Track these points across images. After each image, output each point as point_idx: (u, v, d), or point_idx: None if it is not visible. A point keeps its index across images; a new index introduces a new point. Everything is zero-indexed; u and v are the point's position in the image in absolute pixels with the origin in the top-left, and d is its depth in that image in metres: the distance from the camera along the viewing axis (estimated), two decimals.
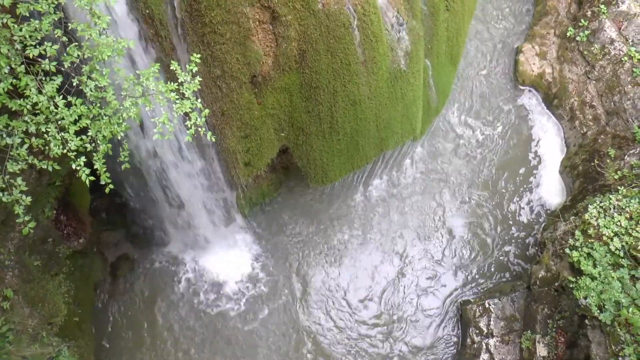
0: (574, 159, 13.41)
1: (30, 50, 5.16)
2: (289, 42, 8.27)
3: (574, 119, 13.83)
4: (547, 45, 14.61)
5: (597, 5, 13.37)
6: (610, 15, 13.15)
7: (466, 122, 14.23)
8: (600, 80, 13.37)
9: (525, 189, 13.78)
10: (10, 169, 5.50)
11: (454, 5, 10.86)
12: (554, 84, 14.28)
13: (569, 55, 14.04)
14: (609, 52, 13.13)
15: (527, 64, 14.58)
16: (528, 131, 14.34)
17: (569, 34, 13.95)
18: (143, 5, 7.44)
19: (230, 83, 8.31)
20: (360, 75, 9.00)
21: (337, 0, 8.17)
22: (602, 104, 13.39)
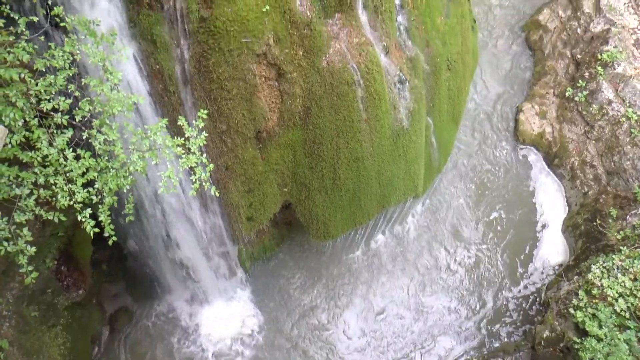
0: (576, 218, 13.43)
1: (45, 104, 5.32)
2: (293, 98, 8.47)
3: (575, 178, 13.94)
4: (547, 105, 14.89)
5: (595, 67, 13.72)
6: (607, 76, 13.48)
7: (467, 180, 14.35)
8: (600, 140, 13.56)
9: (527, 247, 13.74)
10: (18, 219, 5.57)
11: (455, 65, 11.15)
12: (554, 143, 14.47)
13: (568, 115, 14.29)
14: (607, 112, 13.37)
15: (528, 123, 14.83)
16: (529, 190, 14.43)
17: (568, 94, 14.25)
18: (153, 60, 7.69)
19: (236, 138, 8.48)
20: (363, 133, 9.17)
21: (341, 59, 8.42)
22: (602, 164, 13.52)
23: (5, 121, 5.07)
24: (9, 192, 5.46)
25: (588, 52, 14.21)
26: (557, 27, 15.43)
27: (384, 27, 9.03)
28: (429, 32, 10.16)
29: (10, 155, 5.39)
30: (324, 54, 8.18)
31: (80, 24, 5.62)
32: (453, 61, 10.90)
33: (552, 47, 15.38)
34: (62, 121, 5.48)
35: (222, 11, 7.24)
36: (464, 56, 11.46)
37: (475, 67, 12.92)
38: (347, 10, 8.26)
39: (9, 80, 5.15)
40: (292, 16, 7.74)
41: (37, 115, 5.45)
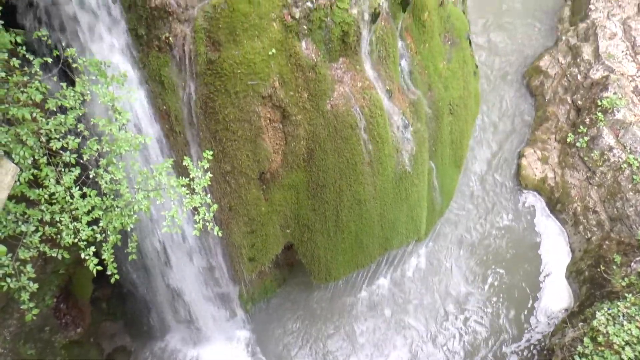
0: (580, 264, 13.35)
1: (54, 142, 5.43)
2: (297, 141, 8.59)
3: (578, 224, 13.91)
4: (549, 150, 15.01)
5: (595, 113, 13.87)
6: (607, 123, 13.61)
7: (468, 224, 14.34)
8: (602, 186, 13.59)
9: (530, 292, 13.61)
10: (22, 255, 5.60)
11: (457, 109, 11.31)
12: (557, 188, 14.51)
13: (570, 160, 14.38)
14: (609, 158, 13.45)
15: (530, 168, 14.91)
16: (532, 235, 14.39)
17: (569, 139, 14.37)
18: (161, 101, 7.86)
19: (239, 179, 8.56)
20: (366, 175, 9.25)
21: (345, 102, 8.57)
22: (605, 210, 13.52)
23: (15, 159, 5.16)
24: (15, 228, 5.51)
25: (588, 98, 14.40)
26: (558, 73, 15.68)
27: (388, 72, 9.23)
28: (432, 77, 10.37)
29: (18, 192, 5.47)
30: (329, 97, 8.35)
31: (91, 65, 5.78)
32: (455, 105, 11.07)
33: (553, 92, 15.60)
34: (71, 160, 5.57)
35: (230, 54, 7.44)
36: (466, 100, 11.65)
37: (478, 111, 13.09)
38: (351, 55, 8.47)
39: (20, 118, 5.28)
40: (297, 59, 7.93)
41: (46, 153, 5.55)
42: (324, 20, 7.82)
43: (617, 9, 15.24)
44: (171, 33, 7.36)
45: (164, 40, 7.40)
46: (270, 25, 7.52)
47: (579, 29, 15.60)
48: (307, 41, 7.89)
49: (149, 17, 7.26)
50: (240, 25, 7.29)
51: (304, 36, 7.83)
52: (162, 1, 7.15)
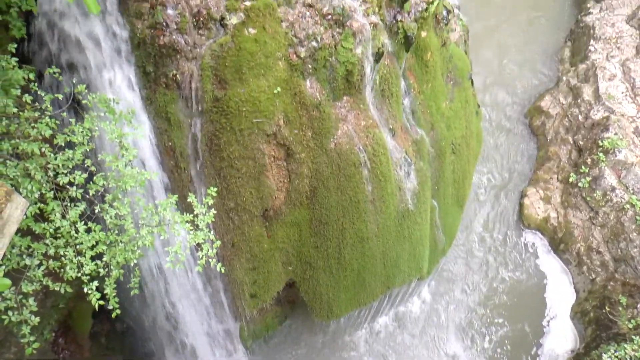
0: (585, 305, 13.22)
1: (62, 177, 5.51)
2: (301, 178, 8.66)
3: (582, 264, 13.83)
4: (551, 190, 15.04)
5: (596, 153, 13.95)
6: (609, 163, 13.67)
7: (471, 263, 14.28)
8: (605, 226, 13.57)
9: (535, 334, 13.45)
10: (25, 289, 5.61)
11: (459, 149, 11.41)
12: (559, 228, 14.49)
13: (572, 200, 14.39)
14: (611, 199, 13.46)
15: (532, 207, 14.92)
16: (535, 275, 14.30)
17: (571, 179, 14.42)
18: (166, 138, 7.97)
19: (243, 216, 8.60)
20: (368, 213, 9.28)
21: (348, 140, 8.67)
22: (608, 250, 13.46)
23: (22, 192, 5.23)
24: (19, 262, 5.54)
25: (589, 138, 14.51)
26: (559, 114, 15.84)
27: (391, 110, 9.36)
28: (434, 116, 10.50)
29: (24, 226, 5.51)
30: (332, 135, 8.45)
31: (100, 102, 5.90)
32: (457, 145, 11.17)
33: (554, 132, 15.73)
34: (77, 195, 5.64)
35: (236, 92, 7.58)
36: (468, 140, 11.76)
37: (480, 150, 13.19)
38: (355, 94, 8.61)
39: (30, 153, 5.37)
40: (302, 98, 8.07)
41: (53, 188, 5.62)
42: (329, 60, 7.99)
43: (616, 51, 15.50)
44: (179, 70, 7.52)
45: (172, 77, 7.55)
46: (276, 64, 7.69)
47: (579, 70, 15.84)
48: (311, 80, 8.05)
49: (158, 54, 7.43)
50: (247, 64, 7.45)
51: (308, 75, 7.99)
52: (171, 39, 7.33)
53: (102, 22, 7.18)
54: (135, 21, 7.36)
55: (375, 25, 8.16)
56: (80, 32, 7.14)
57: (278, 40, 7.56)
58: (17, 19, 6.43)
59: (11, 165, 5.36)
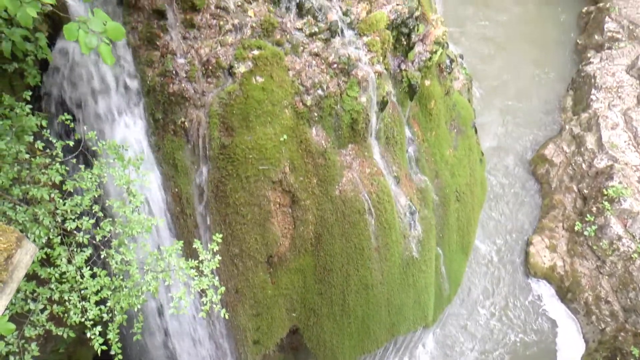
0: (595, 356, 12.98)
1: (69, 223, 5.57)
2: (306, 225, 8.69)
3: (590, 314, 13.64)
4: (557, 239, 14.98)
5: (601, 202, 13.96)
6: (614, 212, 13.66)
7: (477, 312, 14.11)
8: (613, 275, 13.44)
9: None
10: (27, 333, 5.60)
11: (463, 196, 11.46)
12: (566, 277, 14.36)
13: (578, 249, 14.31)
14: (618, 248, 13.39)
15: (538, 256, 14.83)
16: (542, 324, 14.09)
17: (577, 228, 14.38)
18: (173, 184, 8.07)
19: (247, 262, 8.60)
20: (373, 261, 9.26)
21: (353, 188, 8.74)
22: (617, 300, 13.30)
23: (30, 238, 5.29)
24: (23, 306, 5.55)
25: (594, 187, 14.55)
26: (563, 162, 15.93)
27: (395, 158, 9.47)
28: (438, 164, 10.60)
29: (30, 271, 5.54)
30: (337, 182, 8.53)
31: (109, 149, 6.02)
32: (462, 193, 11.22)
33: (558, 181, 15.79)
34: (83, 240, 5.69)
35: (242, 139, 7.71)
36: (473, 188, 11.81)
37: (484, 198, 13.23)
38: (360, 141, 8.73)
39: (39, 198, 5.46)
40: (308, 146, 8.19)
41: (60, 233, 5.67)
42: (334, 108, 8.14)
43: (617, 100, 15.72)
44: (187, 118, 7.68)
45: (180, 124, 7.71)
46: (283, 112, 7.84)
47: (581, 119, 16.02)
48: (317, 128, 8.18)
49: (167, 102, 7.61)
50: (254, 112, 7.60)
51: (314, 123, 8.13)
52: (180, 87, 7.52)
53: (114, 70, 7.39)
54: (146, 69, 7.57)
55: (380, 74, 8.35)
56: (93, 80, 7.34)
57: (285, 88, 7.73)
58: (32, 66, 6.63)
59: (21, 211, 5.44)
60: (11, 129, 5.71)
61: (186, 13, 7.47)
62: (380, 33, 8.35)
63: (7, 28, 5.86)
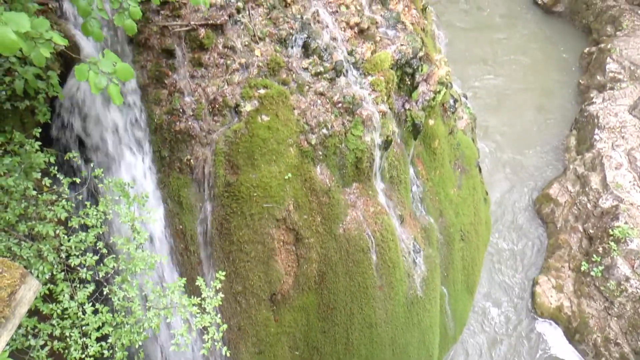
0: None
1: (73, 259, 5.59)
2: (309, 263, 8.68)
3: (600, 356, 13.39)
4: (563, 279, 14.82)
5: (608, 242, 13.86)
6: (621, 252, 13.54)
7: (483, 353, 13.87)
8: (622, 317, 13.24)
9: None
10: None
11: (468, 236, 11.43)
12: (574, 318, 14.15)
13: (585, 289, 14.15)
14: (626, 289, 13.23)
15: (545, 296, 14.65)
16: None
17: (583, 268, 14.24)
18: (178, 221, 8.11)
19: (250, 299, 8.55)
20: (377, 299, 9.20)
21: (357, 226, 8.74)
22: (627, 343, 13.07)
23: (34, 273, 5.31)
24: (24, 342, 5.52)
25: (600, 227, 14.47)
26: (568, 202, 15.90)
27: (400, 197, 9.50)
28: (443, 203, 10.62)
29: (32, 306, 5.54)
30: (341, 221, 8.55)
31: (116, 186, 6.09)
32: (466, 232, 11.21)
33: (563, 220, 15.72)
34: (87, 276, 5.70)
35: (247, 177, 7.77)
36: (477, 227, 11.80)
37: (489, 238, 13.19)
38: (364, 180, 8.78)
39: (44, 235, 5.50)
40: (312, 184, 8.24)
41: (64, 269, 5.69)
42: (339, 147, 8.23)
43: (620, 140, 15.78)
44: (193, 155, 7.78)
45: (186, 162, 7.80)
46: (288, 150, 7.93)
47: (585, 159, 16.06)
48: (322, 166, 8.25)
49: (173, 139, 7.73)
50: (259, 150, 7.69)
51: (319, 161, 8.20)
52: (187, 125, 7.64)
53: (122, 108, 7.54)
54: (154, 107, 7.71)
55: (384, 113, 8.46)
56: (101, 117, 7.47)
57: (290, 127, 7.84)
58: (43, 104, 6.76)
59: (25, 247, 5.48)
60: (20, 165, 5.80)
61: (194, 52, 7.65)
62: (384, 73, 8.50)
63: (20, 66, 6.02)
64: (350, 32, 8.51)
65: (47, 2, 6.89)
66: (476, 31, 19.72)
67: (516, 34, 19.85)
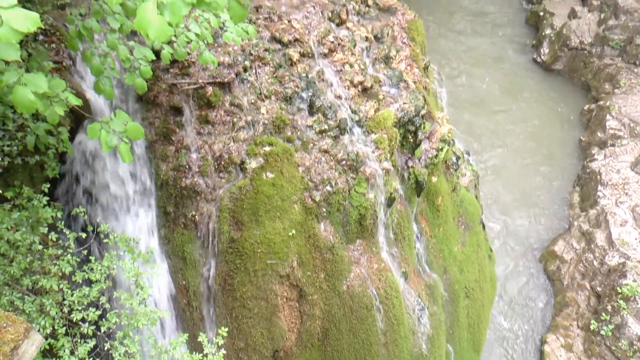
0: None
1: (75, 314, 5.57)
2: (313, 320, 8.58)
3: None
4: (572, 338, 14.53)
5: (616, 301, 13.65)
6: (631, 311, 13.33)
7: None
8: None
9: None
10: None
11: (473, 293, 11.31)
12: None
13: (596, 349, 13.84)
14: (639, 349, 12.94)
15: (554, 355, 14.32)
16: None
17: (593, 327, 13.98)
18: (181, 276, 8.10)
19: (252, 356, 8.41)
20: (381, 357, 9.03)
21: (361, 283, 8.69)
22: None
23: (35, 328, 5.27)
24: None
25: (607, 284, 14.30)
26: (573, 259, 15.77)
27: (403, 254, 9.47)
28: (447, 260, 10.57)
29: None
30: (345, 278, 8.50)
31: (121, 241, 6.13)
32: (471, 289, 11.09)
33: (570, 278, 15.56)
34: (88, 331, 5.66)
35: (252, 233, 7.80)
36: (482, 284, 11.69)
37: (494, 295, 13.04)
38: (368, 237, 8.78)
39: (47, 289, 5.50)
40: (316, 241, 8.25)
41: (65, 324, 5.66)
42: (343, 204, 8.28)
43: (624, 197, 15.80)
44: (197, 211, 7.84)
45: (190, 218, 7.85)
46: (292, 207, 7.98)
47: (589, 215, 16.04)
48: (325, 223, 8.29)
49: (179, 195, 7.81)
50: (264, 207, 7.75)
51: (323, 218, 8.24)
52: (192, 181, 7.74)
53: (129, 164, 7.66)
54: (161, 163, 7.83)
55: (387, 170, 8.55)
56: (109, 173, 7.59)
57: (294, 184, 7.92)
58: (53, 159, 6.88)
59: (28, 301, 5.47)
60: (27, 220, 5.87)
61: (202, 109, 7.84)
62: (387, 130, 8.66)
63: (33, 122, 6.17)
64: (354, 90, 8.73)
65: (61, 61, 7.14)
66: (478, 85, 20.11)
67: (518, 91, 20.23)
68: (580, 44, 20.08)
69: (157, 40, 3.40)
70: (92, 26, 5.42)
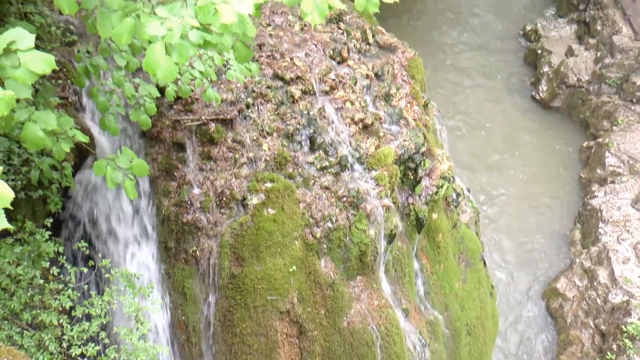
0: None
1: (74, 349, 5.55)
2: (313, 356, 8.50)
3: None
4: None
5: (622, 340, 13.49)
6: (637, 350, 13.16)
7: None
8: None
9: None
10: None
11: (475, 330, 11.21)
12: None
13: None
14: None
15: None
16: None
17: None
18: (180, 312, 8.06)
19: None
20: None
21: (361, 320, 8.64)
22: None
23: None
24: None
25: (612, 323, 14.16)
26: (576, 296, 15.66)
27: (404, 291, 9.44)
28: (448, 297, 10.52)
29: None
30: (345, 314, 8.46)
31: (122, 276, 6.14)
32: (473, 326, 11.00)
33: (573, 316, 15.41)
34: None
35: (252, 269, 7.81)
36: (484, 321, 11.59)
37: (496, 333, 12.91)
38: (368, 274, 8.77)
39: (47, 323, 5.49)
40: (316, 277, 8.25)
41: (64, 359, 5.63)
42: (343, 240, 8.30)
43: (626, 234, 15.77)
44: (198, 247, 7.86)
45: (191, 253, 7.87)
46: (293, 243, 8.01)
47: (591, 252, 15.98)
48: (326, 259, 8.29)
49: (180, 231, 7.84)
50: (264, 243, 7.78)
51: (323, 254, 8.25)
52: (194, 217, 7.79)
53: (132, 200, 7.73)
54: (163, 199, 7.90)
55: (388, 207, 8.60)
56: (111, 208, 7.66)
57: (295, 220, 7.96)
58: (56, 194, 6.95)
59: (27, 335, 5.46)
60: (29, 254, 5.89)
61: (204, 146, 7.95)
62: (388, 167, 8.74)
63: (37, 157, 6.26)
64: (355, 127, 8.85)
65: (67, 96, 7.28)
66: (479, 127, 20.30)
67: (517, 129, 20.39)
68: (577, 81, 20.33)
69: (165, 81, 3.50)
70: (99, 63, 5.57)
